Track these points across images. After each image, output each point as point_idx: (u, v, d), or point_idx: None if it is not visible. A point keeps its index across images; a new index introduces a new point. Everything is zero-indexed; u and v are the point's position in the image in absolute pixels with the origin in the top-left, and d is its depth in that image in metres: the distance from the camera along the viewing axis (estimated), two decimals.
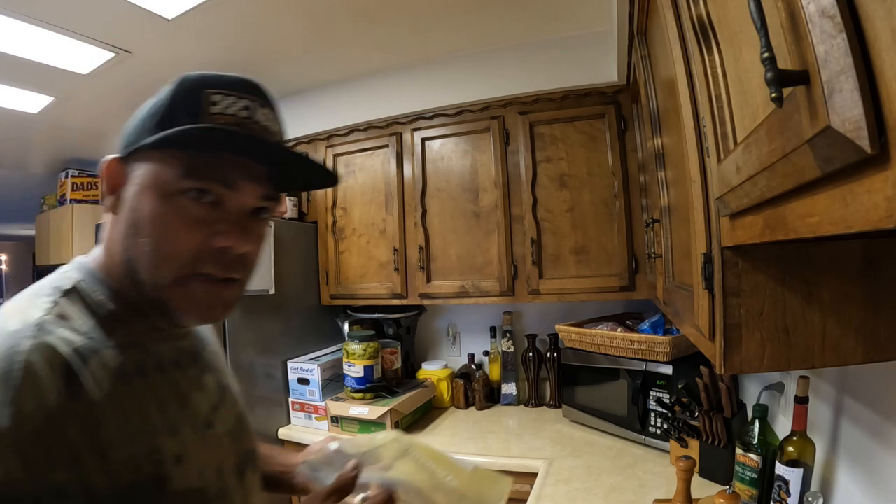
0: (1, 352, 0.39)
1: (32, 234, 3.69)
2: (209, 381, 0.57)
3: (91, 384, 0.42)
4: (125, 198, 0.49)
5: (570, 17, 1.76)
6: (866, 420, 0.79)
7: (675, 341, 1.44)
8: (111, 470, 0.41)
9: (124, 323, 0.49)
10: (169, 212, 0.46)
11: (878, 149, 0.22)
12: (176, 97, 0.47)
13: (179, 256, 0.46)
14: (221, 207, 0.48)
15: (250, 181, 0.49)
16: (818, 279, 0.51)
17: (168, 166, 0.46)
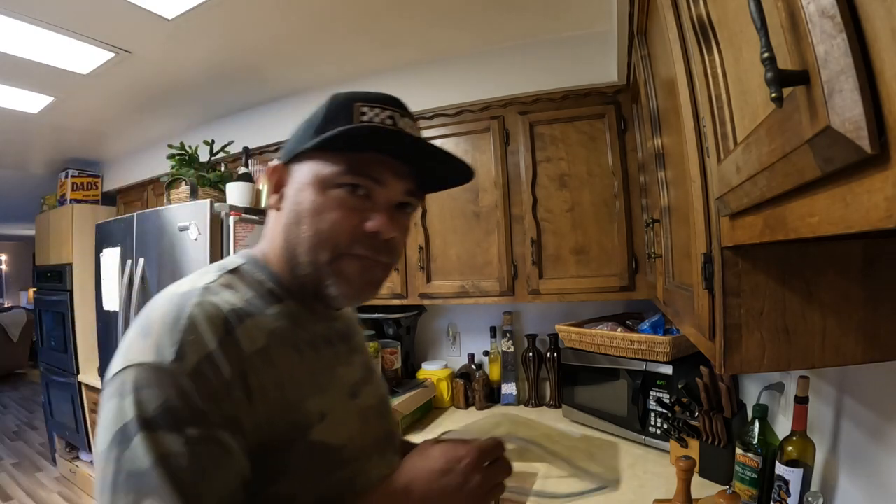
0: (173, 305, 0.48)
1: (32, 234, 3.69)
2: (357, 360, 0.65)
3: (245, 339, 0.49)
4: (287, 195, 0.58)
5: (570, 17, 1.76)
6: (866, 420, 0.79)
7: (675, 341, 1.44)
8: (257, 412, 0.48)
9: (280, 301, 0.57)
10: (327, 202, 0.54)
11: (878, 149, 0.22)
12: (330, 109, 0.56)
13: (336, 238, 0.54)
14: (371, 199, 0.56)
15: (395, 178, 0.56)
16: (818, 279, 0.51)
17: (326, 165, 0.54)
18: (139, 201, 3.10)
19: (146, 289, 1.96)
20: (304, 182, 0.56)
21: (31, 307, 6.23)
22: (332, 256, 0.55)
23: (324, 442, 0.53)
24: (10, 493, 3.06)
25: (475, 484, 0.52)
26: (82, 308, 3.01)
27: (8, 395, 5.64)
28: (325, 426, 0.53)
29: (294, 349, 0.55)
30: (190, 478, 0.41)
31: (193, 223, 1.78)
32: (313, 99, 2.47)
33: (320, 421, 0.53)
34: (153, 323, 0.47)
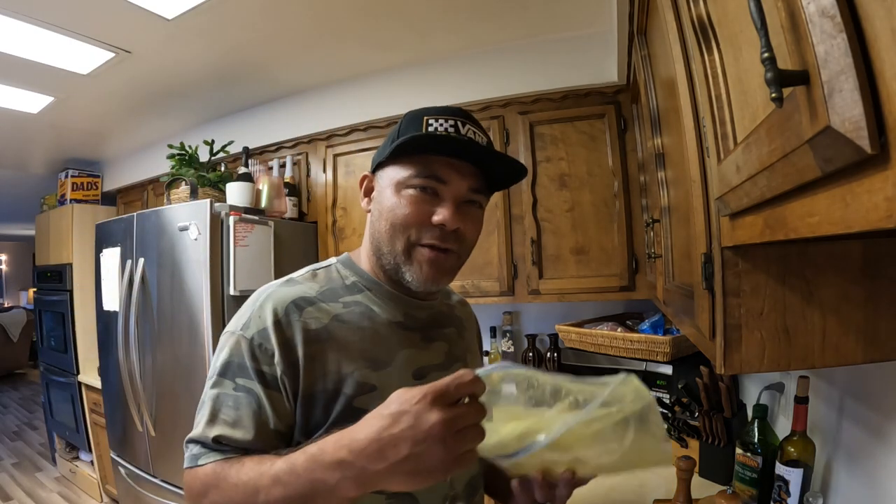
0: (259, 292, 0.66)
1: (32, 234, 3.69)
2: (439, 346, 0.73)
3: (308, 319, 0.63)
4: (374, 199, 0.70)
5: (569, 17, 1.76)
6: (866, 420, 0.79)
7: (675, 341, 1.45)
8: (303, 375, 0.61)
9: (360, 292, 0.69)
10: (402, 200, 0.65)
11: (878, 149, 0.22)
12: (403, 124, 0.67)
13: (408, 230, 0.64)
14: (439, 196, 0.65)
15: (459, 177, 0.65)
16: (818, 279, 0.51)
17: (401, 169, 0.65)
18: (139, 201, 3.10)
19: (146, 289, 1.96)
20: (385, 186, 0.67)
21: (31, 307, 6.23)
22: (405, 246, 0.65)
23: (366, 409, 0.57)
24: (10, 493, 3.06)
25: (430, 427, 0.43)
26: (82, 308, 3.01)
27: (8, 395, 5.64)
28: (371, 396, 0.62)
29: (356, 330, 0.66)
30: (224, 410, 0.60)
31: (193, 223, 1.78)
32: (313, 99, 2.47)
33: (369, 391, 0.63)
34: (245, 303, 0.66)
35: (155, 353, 1.94)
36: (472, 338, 0.85)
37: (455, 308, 0.84)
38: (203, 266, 1.75)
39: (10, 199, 4.39)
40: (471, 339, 0.83)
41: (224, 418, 0.60)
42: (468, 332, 0.83)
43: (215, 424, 0.60)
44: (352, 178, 2.22)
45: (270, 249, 1.95)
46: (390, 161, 0.66)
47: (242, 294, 1.80)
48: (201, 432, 0.60)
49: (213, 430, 0.59)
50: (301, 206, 2.34)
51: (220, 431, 0.59)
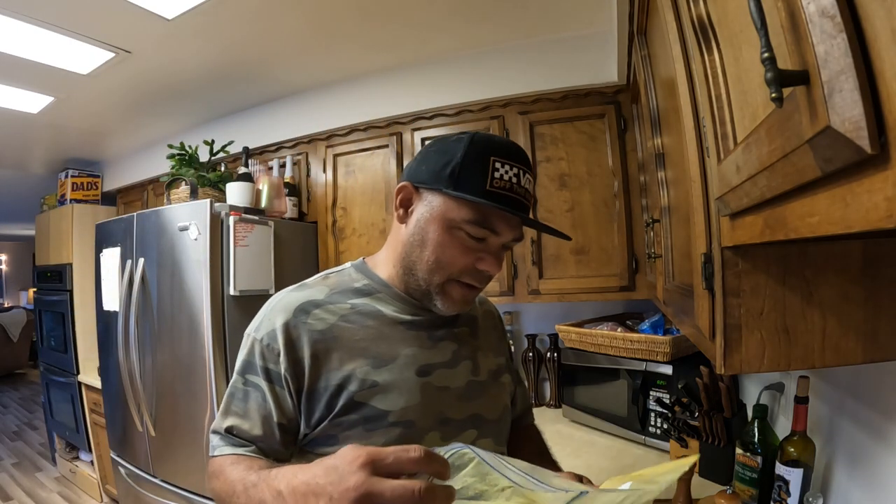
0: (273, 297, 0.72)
1: (32, 234, 3.69)
2: (446, 346, 0.75)
3: (314, 321, 0.67)
4: (414, 215, 0.69)
5: (569, 17, 1.76)
6: (866, 420, 0.79)
7: (675, 341, 1.44)
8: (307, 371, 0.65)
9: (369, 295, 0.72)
10: (451, 240, 0.66)
11: (878, 149, 0.22)
12: (467, 156, 0.65)
13: (452, 269, 0.67)
14: (486, 243, 0.67)
15: (509, 228, 0.68)
16: (818, 279, 0.51)
17: (457, 210, 0.65)
18: (139, 201, 3.10)
19: (146, 289, 1.96)
20: (433, 214, 0.67)
21: (31, 307, 6.23)
22: (443, 281, 0.68)
23: (368, 403, 0.65)
24: (10, 493, 3.06)
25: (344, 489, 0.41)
26: (82, 308, 3.01)
27: (8, 395, 5.64)
28: (372, 391, 0.65)
29: (361, 329, 0.69)
30: (235, 403, 0.68)
31: (193, 223, 1.78)
32: (313, 99, 2.47)
33: (370, 387, 0.65)
34: (262, 307, 0.71)
35: (155, 353, 1.94)
36: (490, 336, 0.85)
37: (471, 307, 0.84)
38: (203, 266, 1.75)
39: (10, 199, 4.39)
40: (486, 338, 0.83)
41: (235, 411, 0.68)
42: (483, 329, 0.83)
43: (228, 416, 0.68)
44: (352, 179, 2.22)
45: (270, 249, 1.95)
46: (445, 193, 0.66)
47: (242, 294, 1.80)
48: (217, 424, 0.69)
49: (226, 422, 0.68)
50: (301, 206, 2.34)
51: (232, 423, 0.67)
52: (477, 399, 0.75)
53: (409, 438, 0.65)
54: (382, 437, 0.65)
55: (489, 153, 0.64)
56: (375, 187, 2.15)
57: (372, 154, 2.17)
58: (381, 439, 0.64)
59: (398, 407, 0.66)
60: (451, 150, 0.66)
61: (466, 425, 0.73)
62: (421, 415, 0.68)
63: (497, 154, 0.65)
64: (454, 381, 0.73)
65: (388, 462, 0.42)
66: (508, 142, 0.69)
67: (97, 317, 2.34)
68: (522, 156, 0.68)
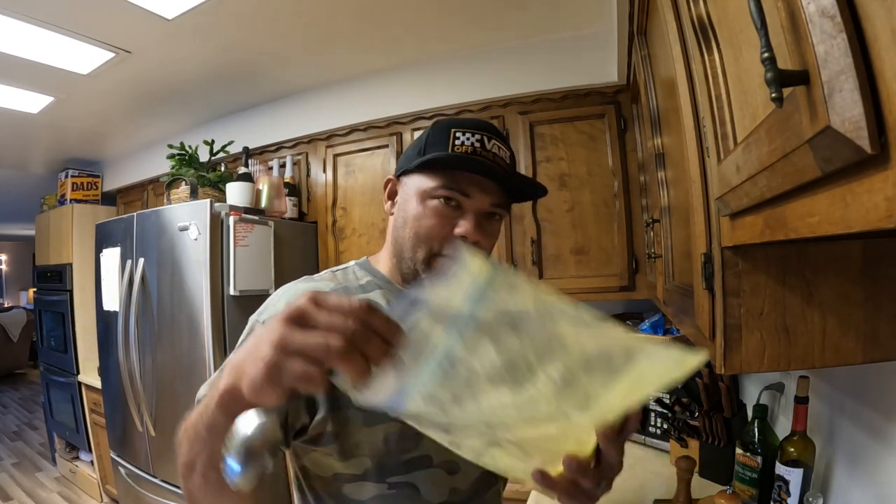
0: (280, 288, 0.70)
1: (32, 234, 3.69)
2: None
3: None
4: (398, 203, 0.71)
5: (569, 17, 1.76)
6: (867, 420, 0.79)
7: (675, 341, 1.44)
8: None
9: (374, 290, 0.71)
10: (426, 210, 0.67)
11: (878, 149, 0.22)
12: (431, 134, 0.69)
13: (431, 240, 0.66)
14: (462, 209, 0.67)
15: (481, 192, 0.67)
16: (818, 279, 0.51)
17: (427, 180, 0.67)
18: (139, 201, 3.10)
19: (146, 289, 1.96)
20: (410, 194, 0.69)
21: (31, 307, 6.23)
22: (427, 255, 0.67)
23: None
24: (10, 493, 3.06)
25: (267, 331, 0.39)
26: (82, 308, 3.01)
27: (8, 395, 5.64)
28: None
29: None
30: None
31: (193, 223, 1.78)
32: (313, 99, 2.48)
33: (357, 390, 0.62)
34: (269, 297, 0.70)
35: (155, 353, 1.94)
36: None
37: None
38: (203, 266, 1.75)
39: (10, 199, 4.39)
40: None
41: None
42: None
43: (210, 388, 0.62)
44: (352, 178, 2.22)
45: (270, 249, 1.95)
46: (418, 170, 0.69)
47: (242, 294, 1.80)
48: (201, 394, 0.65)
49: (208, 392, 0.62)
50: (301, 206, 2.34)
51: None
52: None
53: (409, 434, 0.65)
54: (382, 432, 0.65)
55: (450, 127, 0.68)
56: (375, 187, 2.15)
57: (372, 154, 2.17)
58: (381, 434, 0.65)
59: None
60: (420, 138, 0.72)
61: None
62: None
63: (458, 126, 0.68)
64: None
65: (306, 311, 0.39)
66: (473, 119, 0.71)
67: (97, 317, 2.34)
68: (486, 125, 0.70)
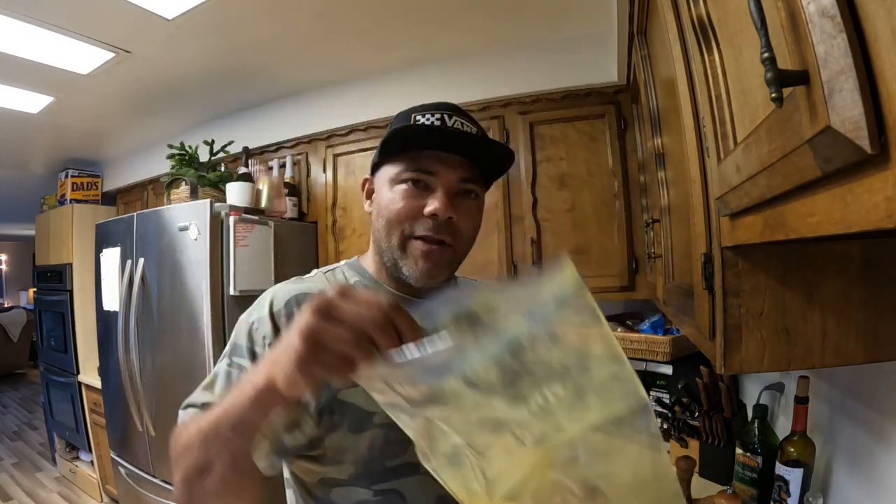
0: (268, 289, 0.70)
1: (32, 234, 3.69)
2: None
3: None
4: (374, 199, 0.70)
5: (570, 17, 1.76)
6: (866, 420, 0.79)
7: (675, 341, 1.44)
8: None
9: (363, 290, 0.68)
10: (395, 195, 0.66)
11: (878, 149, 0.22)
12: (394, 122, 0.69)
13: (402, 223, 0.65)
14: (430, 189, 0.65)
15: (447, 168, 0.65)
16: (818, 279, 0.51)
17: (392, 166, 0.67)
18: (139, 201, 3.10)
19: (146, 289, 1.96)
20: (381, 185, 0.69)
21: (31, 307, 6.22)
22: (400, 240, 0.66)
23: (352, 402, 0.63)
24: (10, 493, 3.06)
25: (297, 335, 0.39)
26: (82, 308, 3.01)
27: (8, 395, 5.64)
28: (356, 391, 0.62)
29: None
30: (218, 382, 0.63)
31: (193, 223, 1.78)
32: (313, 99, 2.47)
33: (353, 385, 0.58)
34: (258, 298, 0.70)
35: (155, 353, 1.94)
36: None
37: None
38: (203, 266, 1.75)
39: (10, 199, 4.39)
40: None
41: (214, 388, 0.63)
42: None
43: (206, 392, 0.63)
44: (352, 179, 2.22)
45: (270, 249, 1.95)
46: (383, 161, 0.69)
47: (242, 294, 1.80)
48: (193, 398, 0.63)
49: (203, 397, 0.62)
50: (301, 206, 2.34)
51: (209, 398, 0.61)
52: None
53: (394, 441, 0.62)
54: (367, 439, 0.62)
55: (411, 112, 0.68)
56: None
57: (372, 154, 2.17)
58: (366, 441, 0.62)
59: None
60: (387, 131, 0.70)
61: None
62: None
63: (418, 110, 0.68)
64: None
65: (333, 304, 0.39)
66: (439, 101, 0.70)
67: (97, 317, 2.34)
68: (450, 105, 0.68)
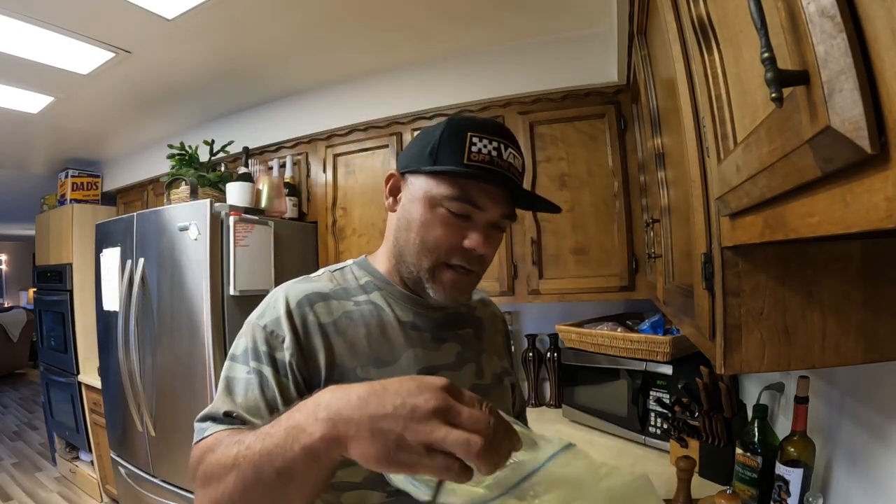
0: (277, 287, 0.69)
1: (32, 234, 3.69)
2: (449, 347, 0.73)
3: (319, 313, 0.66)
4: (402, 202, 0.69)
5: (570, 17, 1.76)
6: (867, 420, 0.79)
7: (675, 341, 1.44)
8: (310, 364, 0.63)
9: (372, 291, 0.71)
10: (434, 218, 0.65)
11: (878, 149, 0.22)
12: (445, 134, 0.65)
13: (437, 250, 0.65)
14: (471, 219, 0.65)
15: (493, 203, 0.65)
16: (818, 279, 0.51)
17: (437, 185, 0.64)
18: (139, 201, 3.10)
19: (146, 289, 1.96)
20: (417, 196, 0.66)
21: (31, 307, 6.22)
22: (432, 264, 0.66)
23: None
24: (10, 493, 3.06)
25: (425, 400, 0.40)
26: (82, 308, 3.01)
27: (8, 395, 5.64)
28: None
29: (363, 327, 0.67)
30: (236, 390, 0.62)
31: (193, 223, 1.78)
32: (313, 99, 2.47)
33: None
34: (266, 297, 0.69)
35: (155, 353, 1.94)
36: (494, 338, 0.84)
37: (475, 309, 0.83)
38: (203, 266, 1.75)
39: (10, 199, 4.39)
40: (491, 340, 0.82)
41: (235, 397, 0.62)
42: (488, 332, 0.83)
43: (226, 401, 0.61)
44: (352, 179, 2.22)
45: (270, 249, 1.95)
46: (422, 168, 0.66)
47: (242, 294, 1.80)
48: (212, 409, 0.61)
49: (224, 406, 0.60)
50: (301, 206, 2.34)
51: (230, 407, 0.60)
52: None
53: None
54: None
55: (466, 129, 0.64)
56: (375, 187, 2.15)
57: (372, 154, 2.17)
58: None
59: None
60: (431, 133, 0.67)
61: None
62: None
63: (475, 130, 0.64)
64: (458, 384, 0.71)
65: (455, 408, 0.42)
66: (489, 119, 0.68)
67: (97, 317, 2.34)
68: (503, 131, 0.66)
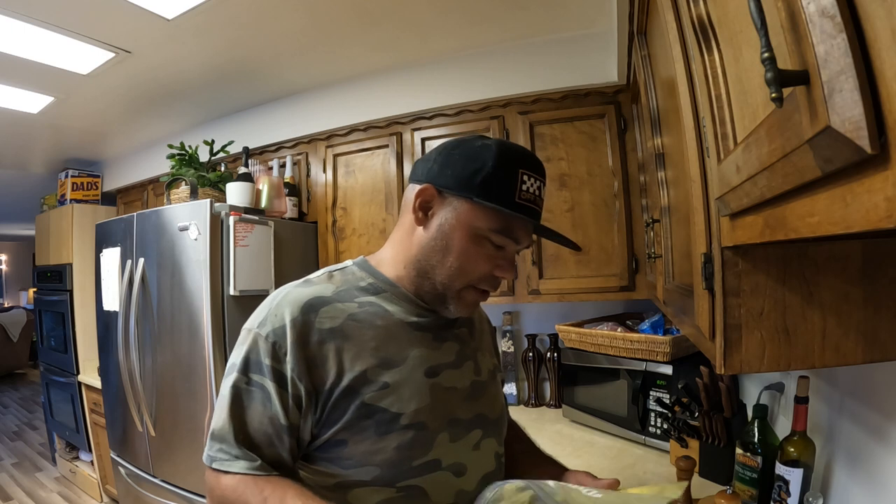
0: (277, 291, 0.69)
1: (32, 234, 3.69)
2: (450, 346, 0.75)
3: (323, 318, 0.66)
4: (436, 219, 0.69)
5: (570, 17, 1.76)
6: (866, 420, 0.79)
7: (675, 341, 1.44)
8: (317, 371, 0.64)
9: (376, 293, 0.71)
10: (475, 249, 0.68)
11: (878, 149, 0.22)
12: (499, 169, 0.65)
13: (471, 276, 0.69)
14: (504, 250, 0.70)
15: (526, 236, 0.71)
16: (818, 279, 0.51)
17: (485, 218, 0.67)
18: (139, 201, 3.10)
19: (146, 289, 1.96)
20: (460, 222, 0.68)
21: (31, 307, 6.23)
22: (462, 287, 0.70)
23: (379, 406, 0.64)
24: (10, 493, 3.06)
25: None
26: (82, 308, 3.01)
27: (8, 395, 5.64)
28: (383, 393, 0.65)
29: (369, 329, 0.68)
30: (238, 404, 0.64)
31: (193, 223, 1.78)
32: (313, 99, 2.47)
33: (381, 388, 0.65)
34: (263, 302, 0.69)
35: (155, 353, 1.94)
36: (484, 338, 0.88)
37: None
38: (203, 266, 1.75)
39: (10, 199, 4.39)
40: (481, 339, 0.86)
41: (238, 412, 0.64)
42: (479, 332, 0.86)
43: (231, 419, 0.64)
44: (352, 179, 2.22)
45: (270, 249, 1.95)
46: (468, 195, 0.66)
47: (242, 294, 1.80)
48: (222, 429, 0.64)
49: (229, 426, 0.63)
50: (301, 206, 2.34)
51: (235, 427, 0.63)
52: (480, 398, 0.76)
53: (421, 440, 0.66)
54: (395, 441, 0.64)
55: (518, 165, 0.66)
56: (375, 187, 2.15)
57: (372, 154, 2.17)
58: (394, 442, 0.64)
59: (410, 409, 0.66)
60: (480, 158, 0.66)
61: (473, 425, 0.73)
62: (432, 416, 0.68)
63: (525, 167, 0.67)
64: (460, 382, 0.74)
65: None
66: (531, 153, 0.71)
67: (97, 317, 2.34)
68: (543, 168, 0.71)
